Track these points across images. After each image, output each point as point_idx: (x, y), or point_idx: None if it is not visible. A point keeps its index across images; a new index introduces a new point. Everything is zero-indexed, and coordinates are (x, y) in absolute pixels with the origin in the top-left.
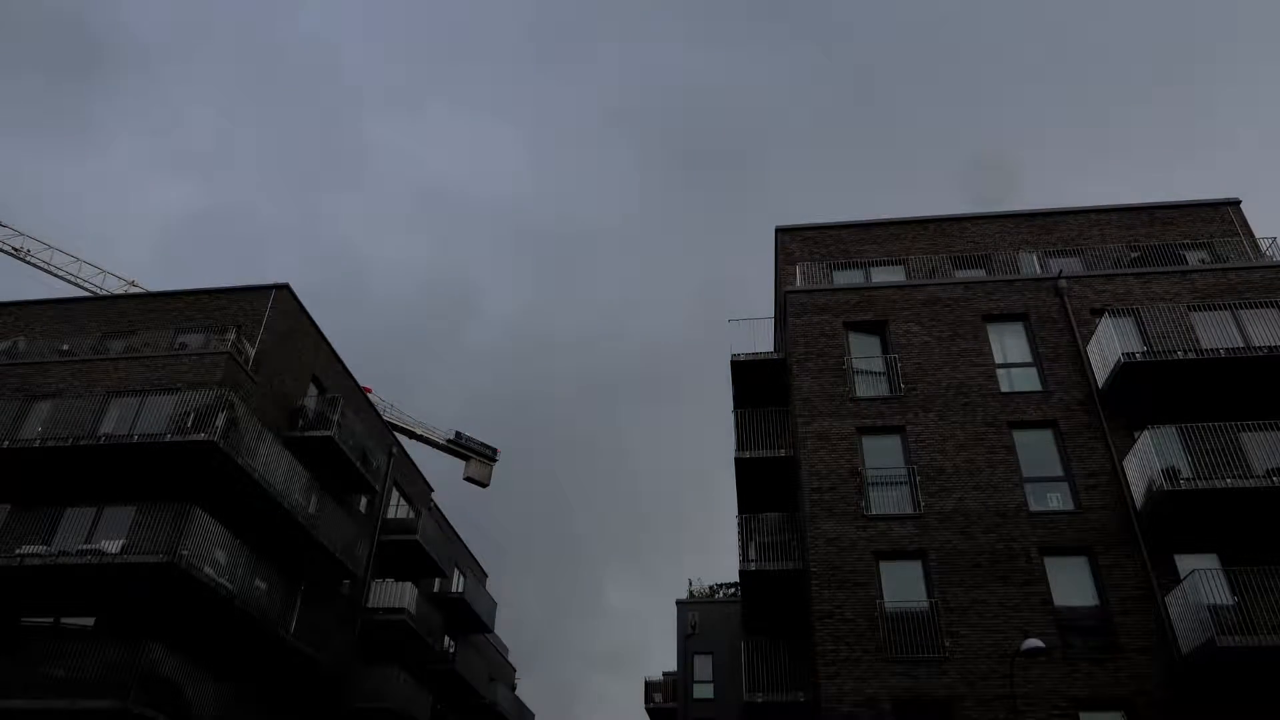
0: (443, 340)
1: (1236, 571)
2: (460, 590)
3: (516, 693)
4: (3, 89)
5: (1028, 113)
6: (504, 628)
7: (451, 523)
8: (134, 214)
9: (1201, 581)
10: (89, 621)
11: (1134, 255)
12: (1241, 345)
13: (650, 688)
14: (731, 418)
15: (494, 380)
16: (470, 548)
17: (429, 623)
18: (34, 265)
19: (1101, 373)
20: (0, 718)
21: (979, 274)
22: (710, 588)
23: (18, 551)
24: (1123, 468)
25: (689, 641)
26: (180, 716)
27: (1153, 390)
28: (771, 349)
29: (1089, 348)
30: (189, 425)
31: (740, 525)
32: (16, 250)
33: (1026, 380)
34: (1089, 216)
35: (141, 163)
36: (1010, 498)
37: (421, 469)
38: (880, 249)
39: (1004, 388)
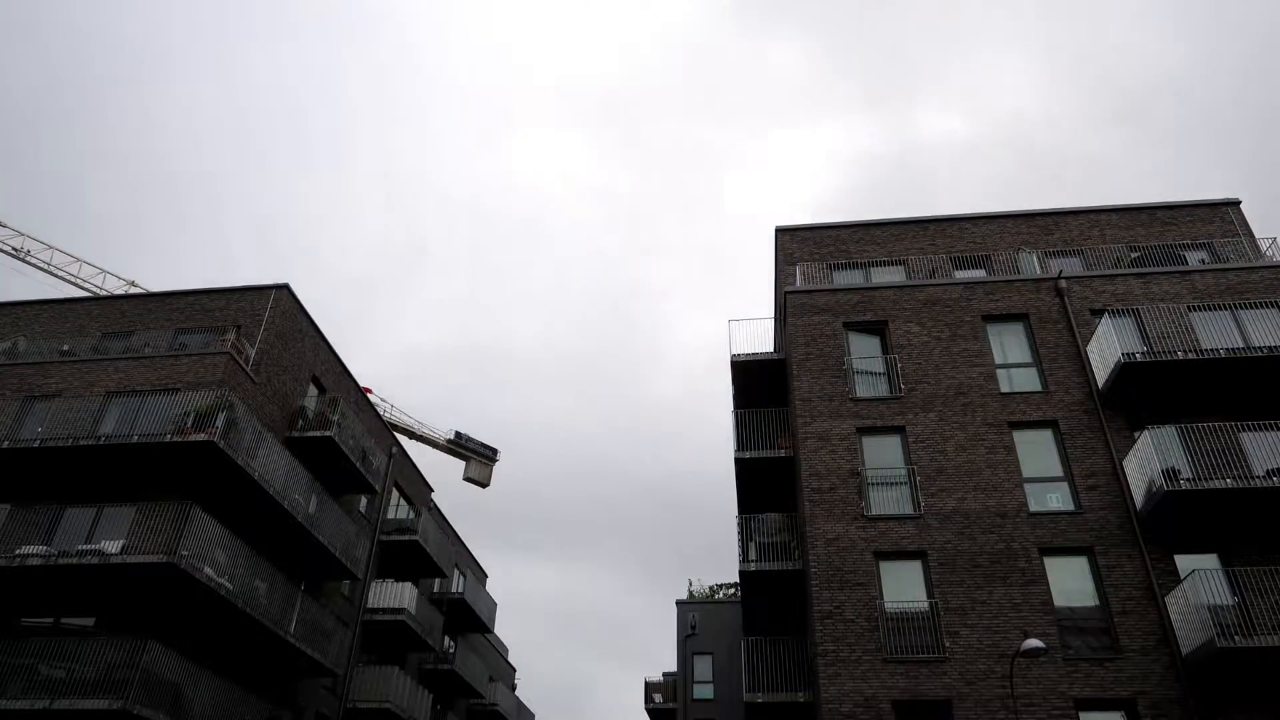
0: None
1: (1236, 571)
2: (460, 590)
3: (516, 693)
4: None
5: None
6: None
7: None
8: None
9: (1201, 581)
10: (89, 621)
11: (1134, 255)
12: (1241, 345)
13: (650, 688)
14: (731, 417)
15: None
16: (470, 548)
17: (429, 623)
18: (34, 265)
19: (1101, 373)
20: (0, 717)
21: (979, 274)
22: (710, 588)
23: (18, 551)
24: (1123, 468)
25: (689, 641)
26: (180, 716)
27: (1153, 390)
28: (771, 349)
29: (1089, 348)
30: (189, 425)
31: (740, 525)
32: (16, 250)
33: (1026, 380)
34: (1089, 216)
35: None
36: (1010, 498)
37: (421, 469)
38: (880, 249)
39: (1004, 388)
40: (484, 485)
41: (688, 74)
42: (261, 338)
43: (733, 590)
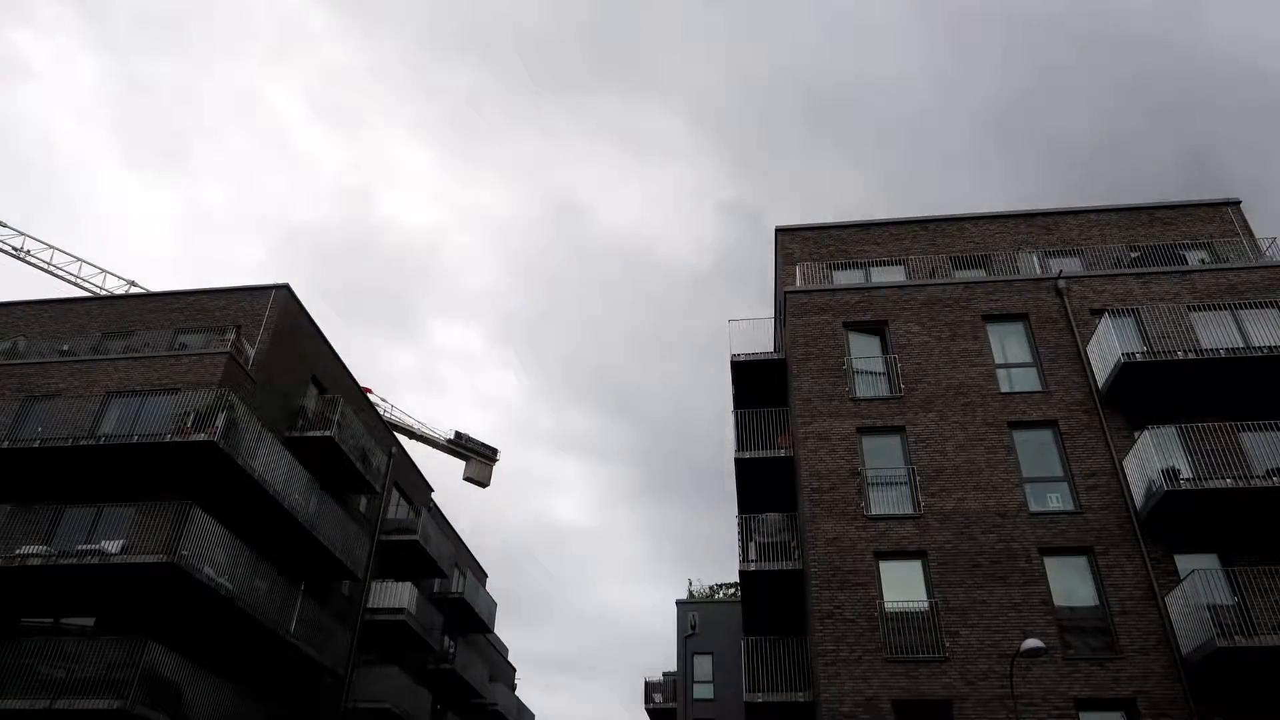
0: None
1: (1236, 571)
2: (460, 590)
3: (516, 693)
4: None
5: None
6: None
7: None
8: None
9: (1201, 581)
10: (89, 621)
11: (1134, 255)
12: (1241, 345)
13: (650, 688)
14: (731, 418)
15: None
16: (470, 548)
17: (429, 623)
18: (34, 265)
19: (1101, 373)
20: (0, 717)
21: (979, 274)
22: (710, 588)
23: (18, 551)
24: (1123, 468)
25: (689, 641)
26: (180, 716)
27: (1152, 390)
28: (771, 349)
29: (1089, 348)
30: (189, 425)
31: (740, 525)
32: (17, 250)
33: (1026, 380)
34: (1089, 216)
35: None
36: (1010, 498)
37: (421, 469)
38: (880, 249)
39: (1004, 388)
40: (484, 485)
41: None
42: (261, 338)
43: (733, 590)
